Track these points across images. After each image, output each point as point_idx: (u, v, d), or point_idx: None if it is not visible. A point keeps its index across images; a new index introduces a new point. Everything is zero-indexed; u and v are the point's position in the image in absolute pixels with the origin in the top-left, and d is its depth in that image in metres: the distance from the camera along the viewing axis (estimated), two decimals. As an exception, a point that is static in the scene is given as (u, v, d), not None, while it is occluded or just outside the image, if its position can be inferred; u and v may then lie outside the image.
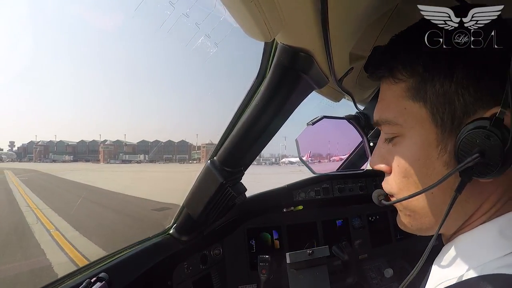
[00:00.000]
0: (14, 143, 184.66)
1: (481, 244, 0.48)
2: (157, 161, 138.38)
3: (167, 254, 1.35)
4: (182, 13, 1.12)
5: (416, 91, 0.50)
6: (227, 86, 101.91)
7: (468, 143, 0.44)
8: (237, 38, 19.76)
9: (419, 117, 0.50)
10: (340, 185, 2.00)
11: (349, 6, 0.62)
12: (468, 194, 0.48)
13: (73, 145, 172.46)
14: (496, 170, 0.43)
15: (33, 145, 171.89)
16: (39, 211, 10.09)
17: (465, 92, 0.45)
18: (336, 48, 0.71)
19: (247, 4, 0.52)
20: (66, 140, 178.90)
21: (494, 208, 0.49)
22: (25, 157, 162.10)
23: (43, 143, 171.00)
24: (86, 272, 1.15)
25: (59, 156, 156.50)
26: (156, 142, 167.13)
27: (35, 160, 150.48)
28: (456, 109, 0.46)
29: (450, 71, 0.46)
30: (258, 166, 55.09)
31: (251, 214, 1.78)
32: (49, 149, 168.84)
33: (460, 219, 0.51)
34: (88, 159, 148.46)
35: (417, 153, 0.51)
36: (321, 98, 1.16)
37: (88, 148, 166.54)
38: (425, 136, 0.50)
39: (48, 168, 47.83)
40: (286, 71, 0.82)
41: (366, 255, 1.98)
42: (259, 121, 0.98)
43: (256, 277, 1.60)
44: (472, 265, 0.47)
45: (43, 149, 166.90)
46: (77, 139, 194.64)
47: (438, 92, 0.47)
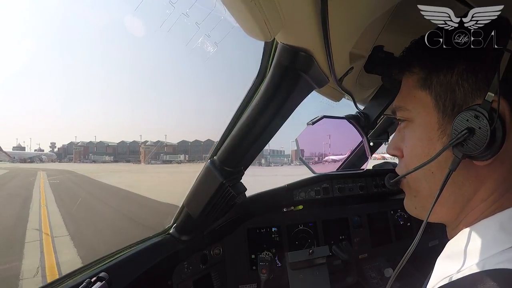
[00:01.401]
0: (55, 144, 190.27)
1: (483, 239, 0.50)
2: (197, 160, 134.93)
3: (167, 253, 1.35)
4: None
5: (424, 81, 0.57)
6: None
7: (460, 123, 0.50)
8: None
9: (425, 103, 0.57)
10: (340, 185, 2.01)
11: (349, 6, 0.61)
12: (464, 176, 0.53)
13: (113, 146, 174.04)
14: (483, 147, 0.47)
15: (73, 146, 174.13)
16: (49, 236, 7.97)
17: (464, 83, 0.51)
18: (336, 48, 0.71)
19: (247, 3, 0.52)
20: (106, 141, 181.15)
21: (492, 197, 0.52)
22: (65, 158, 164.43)
23: (83, 144, 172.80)
24: (86, 272, 1.16)
25: (99, 156, 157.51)
26: (196, 142, 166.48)
27: (75, 160, 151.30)
28: (457, 98, 0.52)
29: (453, 64, 0.52)
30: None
31: (251, 213, 1.78)
32: (88, 150, 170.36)
33: (459, 201, 0.55)
34: (128, 160, 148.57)
35: (421, 135, 0.58)
36: (321, 98, 1.16)
37: (128, 149, 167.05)
38: (428, 120, 0.56)
39: (85, 169, 46.86)
40: (286, 70, 0.82)
41: (366, 254, 1.98)
42: (259, 120, 0.98)
43: (256, 277, 1.60)
44: (474, 260, 0.48)
45: (82, 150, 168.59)
46: (118, 140, 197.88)
47: (442, 82, 0.54)
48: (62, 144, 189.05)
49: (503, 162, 0.50)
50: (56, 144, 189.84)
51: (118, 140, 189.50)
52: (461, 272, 0.48)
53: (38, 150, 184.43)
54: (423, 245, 2.17)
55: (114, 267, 1.19)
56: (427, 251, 2.09)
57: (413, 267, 1.94)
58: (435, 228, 2.14)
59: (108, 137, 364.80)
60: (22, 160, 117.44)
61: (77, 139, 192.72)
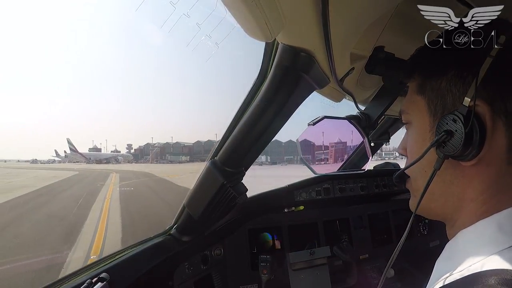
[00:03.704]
0: (131, 146, 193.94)
1: (481, 239, 0.51)
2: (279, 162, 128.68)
3: (168, 254, 1.35)
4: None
5: (420, 87, 0.61)
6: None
7: (441, 126, 0.54)
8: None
9: (420, 107, 0.61)
10: (341, 185, 2.01)
11: (350, 6, 0.62)
12: (452, 175, 0.57)
13: (189, 146, 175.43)
14: (459, 148, 0.50)
15: (149, 147, 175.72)
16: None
17: (453, 88, 0.54)
18: (337, 48, 0.71)
19: (248, 4, 0.52)
20: (182, 142, 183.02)
21: (482, 198, 0.54)
22: (141, 159, 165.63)
23: (159, 144, 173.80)
24: (87, 272, 1.16)
25: (176, 157, 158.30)
26: (276, 141, 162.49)
27: (151, 161, 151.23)
28: (447, 102, 0.55)
29: (444, 70, 0.55)
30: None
31: (252, 214, 1.78)
32: (165, 150, 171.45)
33: (449, 200, 0.58)
34: (203, 159, 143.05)
35: (416, 136, 0.63)
36: (322, 98, 1.16)
37: (203, 148, 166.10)
38: (422, 122, 0.61)
39: (163, 171, 40.73)
40: (287, 71, 0.82)
41: (367, 255, 1.98)
42: (260, 121, 0.98)
43: (257, 277, 1.61)
44: (473, 261, 0.48)
45: (159, 151, 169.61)
46: (193, 140, 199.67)
47: (434, 87, 0.57)
48: (139, 145, 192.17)
49: (489, 165, 0.52)
50: (133, 145, 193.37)
51: (194, 140, 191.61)
52: (460, 273, 0.49)
53: (114, 151, 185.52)
54: (424, 246, 2.17)
55: (115, 267, 1.19)
56: (428, 251, 2.09)
57: (414, 268, 1.94)
58: (436, 229, 2.16)
59: (184, 138, 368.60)
60: (98, 161, 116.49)
61: (154, 140, 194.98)
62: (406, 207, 0.70)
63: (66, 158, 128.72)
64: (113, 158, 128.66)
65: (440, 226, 0.63)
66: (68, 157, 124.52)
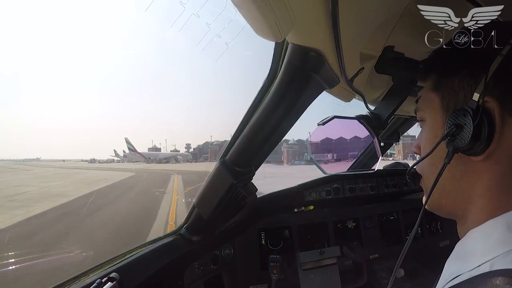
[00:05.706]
0: (190, 145, 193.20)
1: (490, 239, 0.51)
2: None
3: (178, 254, 1.36)
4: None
5: (435, 85, 0.62)
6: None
7: (452, 120, 0.55)
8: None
9: (434, 104, 0.62)
10: (351, 185, 2.00)
11: (360, 6, 0.62)
12: (462, 170, 0.57)
13: None
14: (468, 141, 0.51)
15: (208, 145, 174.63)
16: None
17: (466, 85, 0.55)
18: (346, 48, 0.71)
19: (258, 4, 0.52)
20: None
21: (490, 194, 0.54)
22: (200, 157, 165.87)
23: (218, 143, 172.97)
24: (97, 272, 1.17)
25: None
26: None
27: (210, 159, 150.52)
28: (459, 99, 0.56)
29: (458, 70, 0.57)
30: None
31: (262, 214, 1.79)
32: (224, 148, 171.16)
33: (459, 195, 0.59)
34: (268, 160, 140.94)
35: (429, 133, 0.64)
36: (332, 98, 1.15)
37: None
38: (435, 119, 0.62)
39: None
40: (296, 71, 0.82)
41: (377, 255, 1.97)
42: (270, 120, 0.98)
43: (267, 277, 1.61)
44: (482, 261, 0.48)
45: (218, 149, 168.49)
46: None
47: (448, 85, 0.59)
48: (197, 144, 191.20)
49: (498, 162, 0.53)
50: (191, 145, 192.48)
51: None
52: (469, 273, 0.49)
53: (174, 150, 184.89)
54: (434, 246, 2.15)
55: (125, 267, 1.20)
56: (438, 251, 2.07)
57: (424, 268, 1.92)
58: (446, 229, 2.14)
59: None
60: (158, 161, 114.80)
61: (212, 138, 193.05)
62: (416, 207, 0.70)
63: (125, 158, 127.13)
64: (172, 157, 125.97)
65: (450, 226, 0.63)
66: (127, 157, 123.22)
